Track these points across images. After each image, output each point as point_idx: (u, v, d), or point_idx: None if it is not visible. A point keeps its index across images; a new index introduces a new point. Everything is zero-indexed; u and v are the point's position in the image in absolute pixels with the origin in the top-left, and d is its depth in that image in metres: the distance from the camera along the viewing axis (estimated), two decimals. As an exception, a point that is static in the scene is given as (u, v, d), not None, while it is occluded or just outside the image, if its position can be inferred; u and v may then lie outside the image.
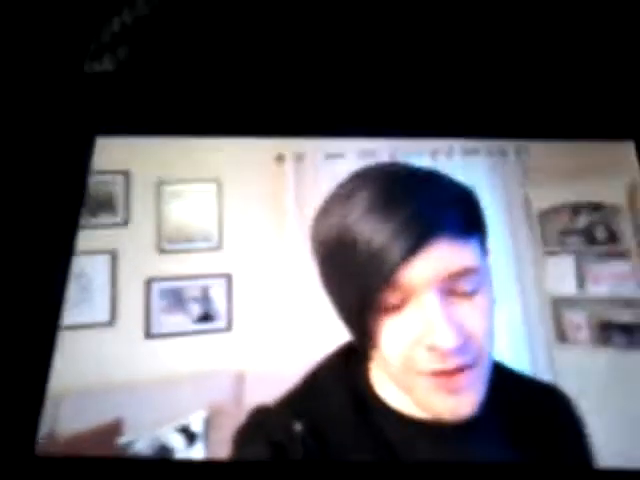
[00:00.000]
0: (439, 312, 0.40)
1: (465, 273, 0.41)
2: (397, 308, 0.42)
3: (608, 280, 1.26)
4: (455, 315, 0.42)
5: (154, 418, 1.02)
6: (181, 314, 1.14)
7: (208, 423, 1.02)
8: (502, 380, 0.49)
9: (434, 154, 1.28)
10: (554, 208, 1.31)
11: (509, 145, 1.31)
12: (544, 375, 1.30)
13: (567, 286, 1.28)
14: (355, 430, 0.44)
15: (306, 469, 0.50)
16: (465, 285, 0.42)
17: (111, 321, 1.12)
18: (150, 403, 1.05)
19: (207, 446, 0.94)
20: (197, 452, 0.96)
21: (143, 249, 1.17)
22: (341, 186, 0.45)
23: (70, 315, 1.07)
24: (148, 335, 1.12)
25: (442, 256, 0.41)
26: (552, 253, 1.31)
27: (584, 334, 1.28)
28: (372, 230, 0.40)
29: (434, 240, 0.40)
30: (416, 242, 0.40)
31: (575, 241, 1.30)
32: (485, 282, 0.44)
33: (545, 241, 1.31)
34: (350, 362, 0.49)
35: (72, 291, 1.09)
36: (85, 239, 1.13)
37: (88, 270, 1.11)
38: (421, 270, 0.40)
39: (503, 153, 1.31)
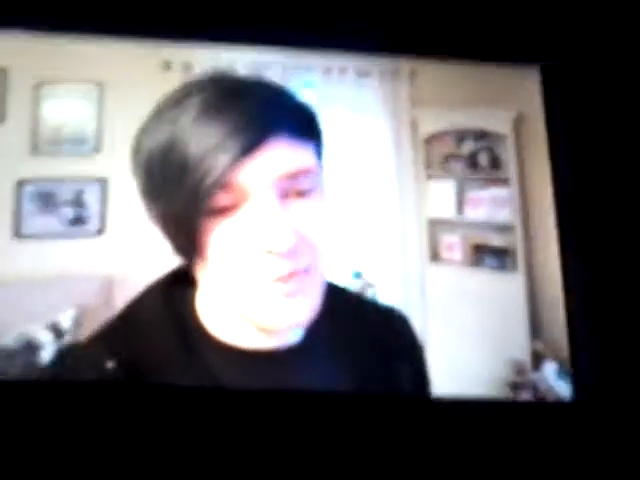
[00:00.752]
0: (275, 213, 0.37)
1: (302, 173, 0.39)
2: (229, 211, 0.38)
3: (487, 205, 1.32)
4: (291, 216, 0.38)
5: (23, 316, 1.05)
6: (52, 217, 1.14)
7: (77, 322, 1.06)
8: (335, 302, 0.45)
9: (327, 71, 1.28)
10: (440, 133, 1.33)
11: (402, 68, 1.31)
12: (414, 293, 1.38)
13: (446, 209, 1.34)
14: (177, 362, 0.41)
15: (122, 394, 0.46)
16: (301, 185, 0.39)
17: (-20, 220, 1.12)
18: (19, 302, 1.08)
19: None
20: (64, 348, 1.01)
21: (16, 149, 1.15)
22: (168, 96, 0.42)
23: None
24: (17, 235, 1.13)
25: (279, 155, 0.38)
26: (435, 177, 1.35)
27: (457, 255, 1.36)
28: (206, 131, 0.37)
29: (271, 139, 0.38)
30: (252, 141, 0.38)
31: (458, 166, 1.34)
32: (321, 189, 0.42)
33: (429, 165, 1.34)
34: (173, 292, 0.44)
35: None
36: (-46, 137, 1.11)
37: (-44, 168, 1.10)
38: (257, 170, 0.37)
39: (395, 76, 1.31)
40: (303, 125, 0.43)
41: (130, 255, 1.09)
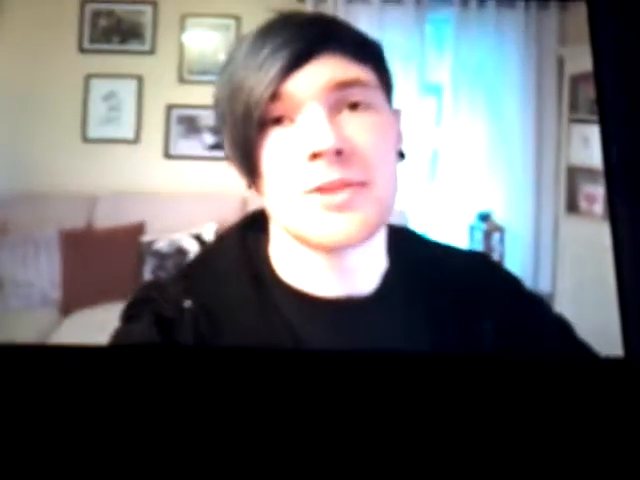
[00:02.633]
0: (319, 115, 0.37)
1: (355, 84, 0.39)
2: (280, 121, 0.38)
3: (637, 155, 1.20)
4: (340, 124, 0.37)
5: (172, 224, 1.21)
6: (195, 140, 1.28)
7: (217, 235, 1.16)
8: (416, 251, 0.43)
9: (465, 2, 1.23)
10: (590, 73, 1.22)
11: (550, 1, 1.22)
12: (546, 243, 1.30)
13: (589, 157, 1.23)
14: (252, 309, 0.42)
15: (196, 353, 0.47)
16: (355, 96, 0.39)
17: (135, 139, 1.27)
18: (168, 212, 1.24)
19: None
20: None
21: (166, 77, 1.26)
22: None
23: (101, 130, 1.24)
24: (166, 155, 1.27)
25: (330, 66, 0.38)
26: (580, 121, 1.24)
27: (598, 208, 1.25)
28: (258, 50, 0.40)
29: (323, 52, 0.39)
30: (301, 51, 0.38)
31: (608, 110, 1.22)
32: (381, 110, 0.41)
33: (573, 107, 1.24)
34: (248, 237, 0.44)
35: (103, 110, 1.24)
36: (116, 63, 1.24)
37: (118, 92, 1.23)
38: (307, 79, 0.38)
39: (543, 7, 1.22)
40: (361, 46, 0.41)
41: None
